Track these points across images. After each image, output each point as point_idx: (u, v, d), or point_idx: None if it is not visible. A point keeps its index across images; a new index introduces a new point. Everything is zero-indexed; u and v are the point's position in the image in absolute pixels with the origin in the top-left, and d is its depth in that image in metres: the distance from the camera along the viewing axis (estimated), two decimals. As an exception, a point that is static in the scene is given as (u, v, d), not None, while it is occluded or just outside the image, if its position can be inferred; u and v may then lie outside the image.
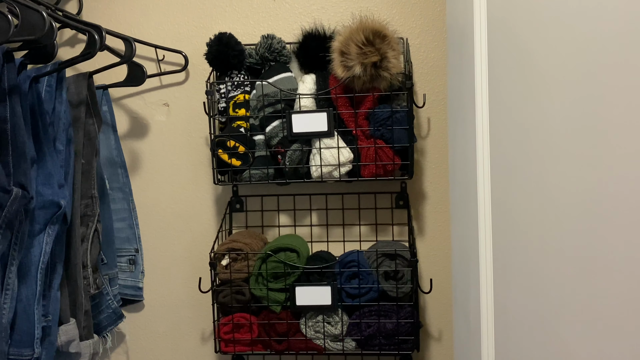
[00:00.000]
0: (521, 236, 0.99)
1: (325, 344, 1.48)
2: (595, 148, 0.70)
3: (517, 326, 1.03)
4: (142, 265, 1.68)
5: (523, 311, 0.99)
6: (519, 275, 1.01)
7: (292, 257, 1.48)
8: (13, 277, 1.16)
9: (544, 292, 0.88)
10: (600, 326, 0.70)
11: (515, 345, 1.04)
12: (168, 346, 1.69)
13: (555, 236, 0.83)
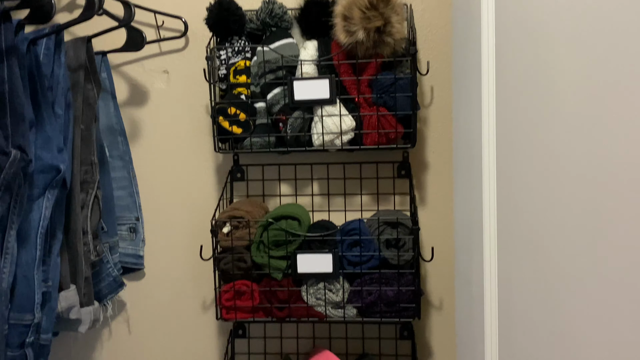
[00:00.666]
0: (526, 204, 0.98)
1: (326, 311, 1.47)
2: (604, 108, 0.68)
3: (521, 293, 1.02)
4: (142, 233, 1.67)
5: (527, 279, 0.98)
6: (523, 243, 1.00)
7: (293, 225, 1.47)
8: (12, 241, 1.15)
9: (549, 258, 0.88)
10: (605, 291, 0.69)
11: (519, 312, 1.03)
12: (169, 314, 1.69)
13: (561, 203, 0.82)
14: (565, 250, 0.81)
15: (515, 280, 1.05)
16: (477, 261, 1.29)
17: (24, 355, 1.23)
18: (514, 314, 1.07)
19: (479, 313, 1.28)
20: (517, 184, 1.03)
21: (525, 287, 0.99)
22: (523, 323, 1.01)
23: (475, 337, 1.36)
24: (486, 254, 1.21)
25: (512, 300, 1.07)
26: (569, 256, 0.80)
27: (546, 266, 0.89)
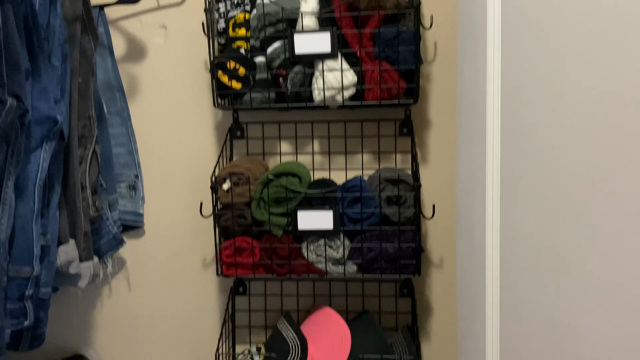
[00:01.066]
0: (530, 159, 0.97)
1: (326, 268, 1.47)
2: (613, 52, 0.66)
3: (523, 246, 1.02)
4: (142, 191, 1.66)
5: (530, 231, 0.97)
6: (526, 197, 0.99)
7: (294, 182, 1.46)
8: (10, 192, 1.13)
9: (553, 210, 0.87)
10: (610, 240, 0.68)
11: (521, 267, 1.03)
12: (169, 272, 1.69)
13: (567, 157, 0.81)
14: (569, 201, 0.80)
15: (517, 235, 1.04)
16: (479, 217, 1.28)
17: (24, 308, 1.22)
18: (515, 269, 1.06)
19: (480, 270, 1.28)
20: (522, 140, 1.01)
21: (528, 239, 0.98)
22: (525, 277, 1.00)
23: (476, 295, 1.36)
24: (488, 209, 1.20)
25: (514, 255, 1.07)
26: (573, 207, 0.79)
27: (550, 219, 0.88)
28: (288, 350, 1.48)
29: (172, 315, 1.70)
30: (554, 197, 0.86)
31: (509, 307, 1.11)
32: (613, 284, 0.68)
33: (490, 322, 1.19)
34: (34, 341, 1.32)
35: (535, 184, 0.94)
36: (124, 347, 1.72)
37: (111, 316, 1.71)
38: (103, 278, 1.63)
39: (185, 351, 1.70)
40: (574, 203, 0.78)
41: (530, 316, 0.97)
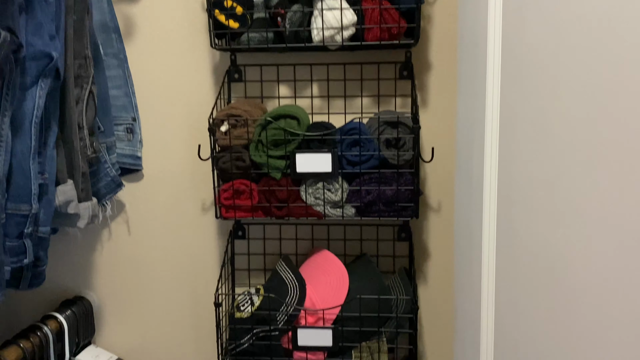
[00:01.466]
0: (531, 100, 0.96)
1: (325, 211, 1.47)
2: None
3: (521, 188, 1.01)
4: (140, 134, 1.65)
5: (529, 172, 0.97)
6: (526, 140, 0.98)
7: (292, 124, 1.45)
8: (6, 128, 1.13)
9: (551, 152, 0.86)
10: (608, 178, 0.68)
11: (519, 206, 1.03)
12: (169, 215, 1.70)
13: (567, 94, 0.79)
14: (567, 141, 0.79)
15: (515, 176, 1.04)
16: (478, 159, 1.28)
17: (23, 246, 1.23)
18: (513, 209, 1.06)
19: (477, 211, 1.28)
20: (522, 82, 1.00)
21: (526, 179, 0.98)
22: (522, 215, 1.00)
23: (472, 236, 1.36)
24: (487, 151, 1.19)
25: (512, 195, 1.06)
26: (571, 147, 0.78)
27: (547, 158, 0.87)
28: (286, 292, 1.50)
29: (172, 258, 1.71)
30: (552, 137, 0.85)
31: (505, 247, 1.11)
32: (607, 220, 0.68)
33: (487, 261, 1.20)
34: (34, 280, 1.34)
35: (534, 126, 0.93)
36: (125, 290, 1.74)
37: (111, 259, 1.73)
38: (102, 221, 1.63)
39: (185, 293, 1.72)
40: (572, 143, 0.78)
41: (526, 254, 0.98)
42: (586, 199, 0.74)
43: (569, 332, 0.80)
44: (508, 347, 1.10)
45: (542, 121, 0.90)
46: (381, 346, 1.50)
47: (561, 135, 0.82)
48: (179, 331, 1.74)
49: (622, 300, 0.65)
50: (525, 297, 0.99)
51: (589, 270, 0.73)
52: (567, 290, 0.80)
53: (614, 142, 0.67)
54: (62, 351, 1.56)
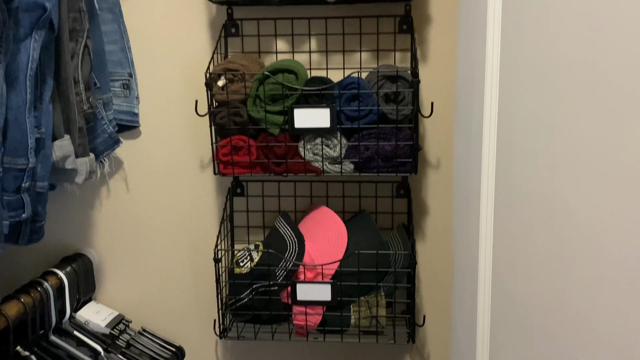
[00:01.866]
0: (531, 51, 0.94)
1: (323, 167, 1.47)
2: None
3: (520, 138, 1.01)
4: (136, 90, 1.63)
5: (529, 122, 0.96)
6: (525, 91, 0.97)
7: (290, 78, 1.44)
8: (1, 81, 1.11)
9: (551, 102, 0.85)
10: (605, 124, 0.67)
11: (518, 156, 1.02)
12: (167, 172, 1.69)
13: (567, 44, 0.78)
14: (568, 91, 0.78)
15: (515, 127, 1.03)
16: (477, 113, 1.27)
17: (21, 200, 1.23)
18: (512, 160, 1.05)
19: (476, 164, 1.27)
20: (523, 34, 0.98)
21: (526, 129, 0.97)
22: (520, 164, 1.00)
23: (471, 193, 1.36)
24: (486, 105, 1.18)
25: (511, 147, 1.06)
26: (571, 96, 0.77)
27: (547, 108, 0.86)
28: (285, 247, 1.50)
29: (171, 214, 1.72)
30: (552, 86, 0.84)
31: (503, 201, 1.11)
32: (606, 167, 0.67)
33: (485, 214, 1.20)
34: (33, 235, 1.34)
35: (534, 76, 0.92)
36: (124, 247, 1.74)
37: (110, 216, 1.73)
38: (101, 178, 1.63)
39: (185, 250, 1.73)
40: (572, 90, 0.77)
41: (525, 205, 0.97)
42: (586, 147, 0.73)
43: (567, 282, 0.80)
44: (505, 300, 1.11)
45: (542, 71, 0.89)
46: (379, 300, 1.51)
47: (561, 84, 0.81)
48: (179, 287, 1.75)
49: (622, 245, 0.65)
50: (523, 249, 0.99)
51: (588, 219, 0.73)
52: (566, 240, 0.80)
53: (613, 88, 0.66)
54: (63, 307, 1.57)
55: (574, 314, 0.78)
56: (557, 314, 0.84)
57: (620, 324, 0.65)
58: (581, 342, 0.76)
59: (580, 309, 0.76)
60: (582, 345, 0.75)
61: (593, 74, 0.71)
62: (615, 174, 0.66)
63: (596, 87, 0.70)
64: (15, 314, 1.39)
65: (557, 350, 0.84)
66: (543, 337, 0.90)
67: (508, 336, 1.09)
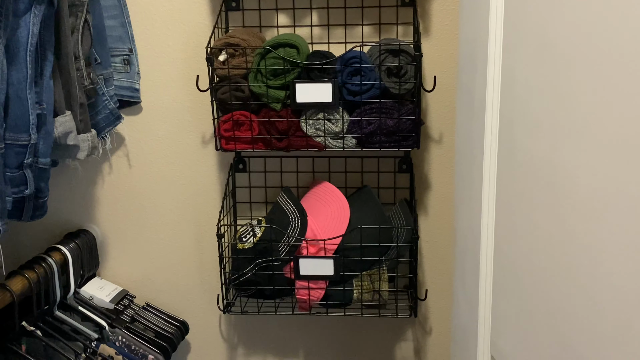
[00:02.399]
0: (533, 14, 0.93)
1: (325, 142, 1.47)
2: None
3: (524, 111, 1.00)
4: (137, 66, 1.63)
5: (532, 93, 0.95)
6: (529, 57, 0.96)
7: (291, 53, 1.43)
8: (1, 56, 1.11)
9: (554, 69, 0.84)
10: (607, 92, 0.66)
11: (521, 129, 1.02)
12: (169, 148, 1.69)
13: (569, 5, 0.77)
14: (574, 55, 0.77)
15: (518, 100, 1.03)
16: (480, 85, 1.26)
17: (23, 176, 1.23)
18: (515, 135, 1.05)
19: (479, 137, 1.27)
20: (527, 3, 0.97)
21: (529, 93, 0.96)
22: (525, 139, 0.99)
23: (474, 167, 1.36)
24: (489, 75, 1.17)
25: (514, 120, 1.05)
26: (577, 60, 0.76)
27: (550, 74, 0.85)
28: (288, 223, 1.51)
29: (174, 190, 1.72)
30: (556, 57, 0.83)
31: (506, 173, 1.11)
32: (611, 135, 0.67)
33: (487, 188, 1.20)
34: (36, 211, 1.34)
35: (538, 44, 0.91)
36: (127, 223, 1.75)
37: (113, 192, 1.73)
38: (103, 155, 1.62)
39: (187, 225, 1.74)
40: (577, 61, 0.76)
41: (528, 175, 0.97)
42: (590, 116, 0.73)
43: (570, 255, 0.80)
44: (508, 273, 1.11)
45: (546, 41, 0.88)
46: (382, 275, 1.52)
47: (565, 53, 0.80)
48: (183, 262, 1.76)
49: (625, 215, 0.65)
50: (525, 222, 0.99)
51: (592, 190, 0.73)
52: (569, 212, 0.80)
53: (618, 56, 0.65)
54: (67, 283, 1.58)
55: (577, 287, 0.78)
56: (560, 287, 0.84)
57: (624, 294, 0.66)
58: (584, 315, 0.76)
59: (583, 281, 0.76)
60: (586, 318, 0.76)
61: (598, 43, 0.70)
62: (619, 143, 0.66)
63: (600, 57, 0.70)
64: (20, 289, 1.40)
65: (560, 323, 0.84)
66: (546, 311, 0.90)
67: (510, 309, 1.10)
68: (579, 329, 0.78)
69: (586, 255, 0.75)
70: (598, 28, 0.70)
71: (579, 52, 0.76)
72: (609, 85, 0.68)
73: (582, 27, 0.75)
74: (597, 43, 0.71)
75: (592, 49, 0.72)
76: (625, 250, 0.65)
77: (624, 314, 0.66)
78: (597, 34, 0.71)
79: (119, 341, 1.57)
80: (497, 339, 1.18)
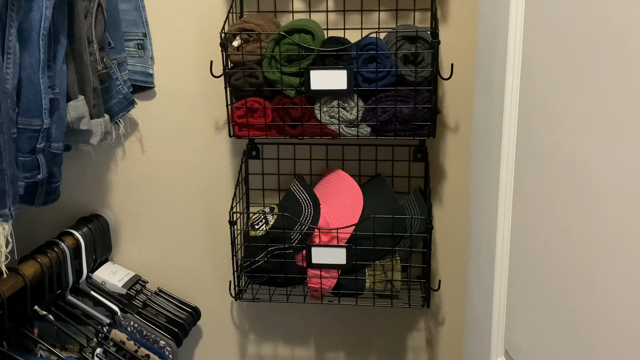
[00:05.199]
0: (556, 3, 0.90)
1: (339, 130, 1.45)
2: None
3: (544, 101, 0.98)
4: (151, 50, 1.61)
5: (552, 81, 0.93)
6: (550, 43, 0.94)
7: (306, 39, 1.41)
8: (13, 40, 1.10)
9: (576, 55, 0.82)
10: None
11: (539, 125, 0.99)
12: (182, 133, 1.68)
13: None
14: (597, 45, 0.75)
15: (537, 89, 1.00)
16: (499, 73, 1.23)
17: (36, 161, 1.23)
18: (534, 124, 1.03)
19: (497, 126, 1.25)
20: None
21: (548, 82, 0.94)
22: (544, 129, 0.97)
23: (490, 158, 1.34)
24: (509, 63, 1.15)
25: (532, 104, 1.03)
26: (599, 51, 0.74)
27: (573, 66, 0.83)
28: (301, 211, 1.50)
29: (187, 176, 1.71)
30: (578, 45, 0.81)
31: (524, 162, 1.09)
32: (631, 129, 0.65)
33: (504, 179, 1.18)
34: (48, 196, 1.34)
35: (559, 34, 0.89)
36: (140, 208, 1.75)
37: (126, 177, 1.73)
38: (116, 139, 1.62)
39: (200, 211, 1.73)
40: (599, 50, 0.73)
41: (546, 168, 0.95)
42: (611, 105, 0.70)
43: (588, 249, 0.78)
44: (524, 266, 1.09)
45: (568, 28, 0.85)
46: (394, 265, 1.50)
47: (587, 41, 0.78)
48: (195, 248, 1.76)
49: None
50: (543, 213, 0.97)
51: (612, 182, 0.71)
52: (588, 204, 0.78)
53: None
54: (80, 267, 1.59)
55: (595, 284, 0.76)
56: (577, 281, 0.82)
57: (644, 293, 0.64)
58: (602, 313, 0.74)
59: (602, 278, 0.74)
60: (603, 316, 0.74)
61: (620, 32, 0.68)
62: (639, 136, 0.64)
63: (623, 46, 0.67)
64: (33, 274, 1.41)
65: (577, 321, 0.82)
66: (562, 307, 0.88)
67: (525, 302, 1.08)
68: (596, 327, 0.76)
69: (605, 250, 0.73)
70: (621, 16, 0.68)
71: (601, 41, 0.73)
72: (631, 75, 0.65)
73: (605, 14, 0.72)
74: (620, 31, 0.68)
75: (614, 38, 0.70)
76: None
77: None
78: (620, 22, 0.68)
79: (131, 326, 1.57)
80: (512, 333, 1.16)
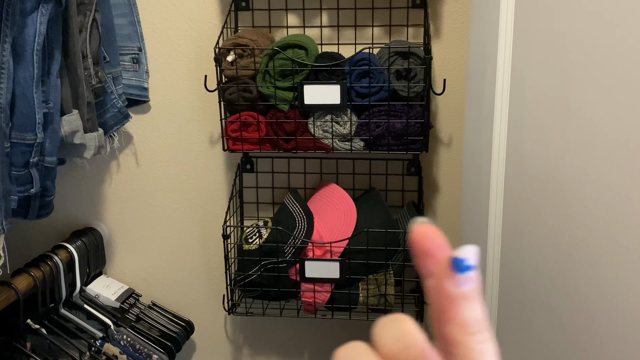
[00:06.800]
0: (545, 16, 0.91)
1: (333, 144, 1.45)
2: None
3: (533, 117, 0.98)
4: (146, 65, 1.62)
5: (541, 98, 0.94)
6: (539, 59, 0.95)
7: (300, 54, 1.41)
8: (7, 55, 1.11)
9: (564, 74, 0.83)
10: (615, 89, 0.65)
11: (529, 142, 1.00)
12: (177, 147, 1.68)
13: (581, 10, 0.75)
14: (585, 65, 0.76)
15: (527, 104, 1.01)
16: (489, 87, 1.24)
17: (29, 175, 1.23)
18: (524, 140, 1.03)
19: (487, 142, 1.25)
20: (538, 9, 0.95)
21: (538, 97, 0.95)
22: (533, 147, 0.98)
23: (482, 172, 1.34)
24: (499, 80, 1.16)
25: (523, 125, 1.04)
26: (587, 71, 0.75)
27: (562, 84, 0.84)
28: (294, 224, 1.50)
29: (181, 190, 1.71)
30: (566, 65, 0.82)
31: (514, 178, 1.09)
32: (619, 146, 0.66)
33: (495, 195, 1.18)
34: (42, 210, 1.34)
35: (548, 54, 0.90)
36: (134, 221, 1.75)
37: (120, 191, 1.73)
38: (110, 153, 1.62)
39: (194, 225, 1.73)
40: (587, 71, 0.74)
41: (535, 184, 0.96)
42: (599, 121, 0.71)
43: (577, 264, 0.79)
44: (514, 281, 1.10)
45: (556, 48, 0.86)
46: (388, 279, 1.50)
47: (575, 62, 0.79)
48: (189, 262, 1.76)
49: (633, 227, 0.63)
50: (532, 229, 0.97)
51: (599, 199, 0.72)
52: (577, 220, 0.79)
53: (628, 66, 0.63)
54: (73, 281, 1.59)
55: (583, 298, 0.77)
56: (566, 298, 0.82)
57: (629, 305, 0.64)
58: (592, 328, 0.75)
59: (591, 293, 0.74)
60: (593, 331, 0.74)
61: (608, 50, 0.69)
62: (628, 150, 0.64)
63: (610, 64, 0.68)
64: (26, 287, 1.40)
65: (566, 335, 0.83)
66: (551, 321, 0.89)
67: (515, 317, 1.08)
68: (586, 340, 0.76)
69: (594, 267, 0.73)
70: (608, 35, 0.69)
71: (590, 58, 0.74)
72: (618, 92, 0.66)
73: (593, 32, 0.73)
74: (607, 50, 0.69)
75: (602, 56, 0.70)
76: (633, 264, 0.63)
77: (632, 326, 0.64)
78: (608, 41, 0.69)
79: (124, 340, 1.57)
80: (502, 350, 1.16)
